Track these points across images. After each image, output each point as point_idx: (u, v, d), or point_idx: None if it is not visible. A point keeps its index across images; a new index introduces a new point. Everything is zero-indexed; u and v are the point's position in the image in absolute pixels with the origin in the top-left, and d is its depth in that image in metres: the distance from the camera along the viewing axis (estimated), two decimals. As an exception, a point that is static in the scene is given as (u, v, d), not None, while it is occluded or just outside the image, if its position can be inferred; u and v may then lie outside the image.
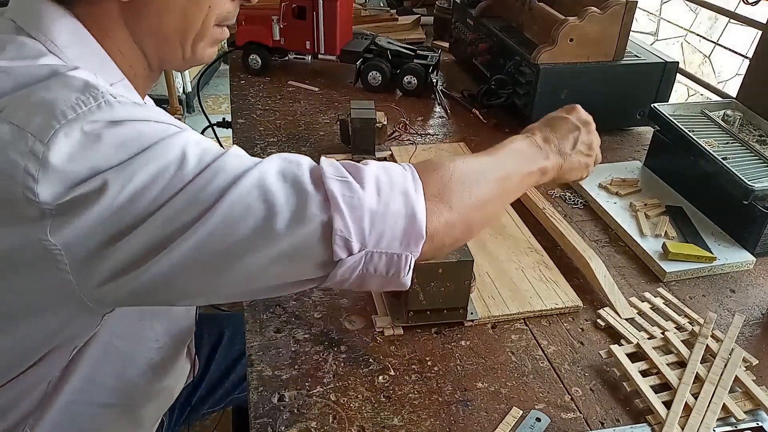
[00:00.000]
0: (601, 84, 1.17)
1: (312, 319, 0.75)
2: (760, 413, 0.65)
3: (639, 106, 1.21)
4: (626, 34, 1.15)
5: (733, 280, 0.87)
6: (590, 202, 1.01)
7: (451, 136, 1.22)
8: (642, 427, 0.63)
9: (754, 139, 1.01)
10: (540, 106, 1.16)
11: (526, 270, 0.84)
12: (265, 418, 0.62)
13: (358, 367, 0.69)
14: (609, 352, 0.70)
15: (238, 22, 1.41)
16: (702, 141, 0.97)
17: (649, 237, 0.91)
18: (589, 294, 0.82)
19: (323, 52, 1.41)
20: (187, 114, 3.31)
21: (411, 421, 0.63)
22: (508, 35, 1.29)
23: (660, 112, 1.05)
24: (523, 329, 0.76)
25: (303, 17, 1.37)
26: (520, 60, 1.19)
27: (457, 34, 1.54)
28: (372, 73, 1.37)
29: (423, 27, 1.78)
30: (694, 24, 3.00)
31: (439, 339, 0.74)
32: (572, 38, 1.13)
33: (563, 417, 0.65)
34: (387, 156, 1.12)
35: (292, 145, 1.14)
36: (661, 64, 1.18)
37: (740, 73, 1.92)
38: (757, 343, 0.75)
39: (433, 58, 1.39)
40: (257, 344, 0.71)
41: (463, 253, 0.70)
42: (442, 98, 1.37)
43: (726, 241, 0.91)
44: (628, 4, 1.12)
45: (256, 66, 1.43)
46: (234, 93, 1.36)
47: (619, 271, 0.87)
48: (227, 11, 0.64)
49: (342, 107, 1.29)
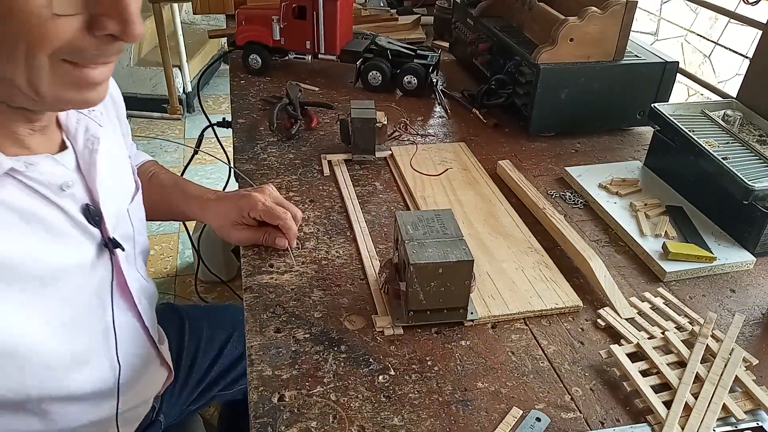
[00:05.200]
0: (601, 84, 1.17)
1: (312, 318, 0.75)
2: (760, 413, 0.65)
3: (639, 106, 1.21)
4: (626, 34, 1.15)
5: (733, 280, 0.87)
6: (590, 202, 1.01)
7: (451, 136, 1.22)
8: (642, 427, 0.63)
9: (754, 139, 1.01)
10: (540, 106, 1.16)
11: (526, 270, 0.84)
12: (265, 418, 0.62)
13: (358, 367, 0.69)
14: (609, 352, 0.70)
15: (238, 22, 1.41)
16: (702, 141, 0.97)
17: (649, 237, 0.91)
18: (589, 294, 0.82)
19: (323, 52, 1.41)
20: (188, 114, 3.31)
21: (411, 420, 0.63)
22: (508, 35, 1.29)
23: (660, 112, 1.05)
24: (523, 329, 0.76)
25: (303, 17, 1.37)
26: (520, 60, 1.19)
27: (457, 34, 1.54)
28: (372, 73, 1.37)
29: (423, 27, 1.78)
30: (694, 24, 3.00)
31: (439, 339, 0.74)
32: (572, 38, 1.13)
33: (563, 417, 0.65)
34: (387, 156, 1.12)
35: (292, 145, 1.14)
36: (661, 64, 1.18)
37: (740, 73, 1.92)
38: (757, 343, 0.75)
39: (433, 58, 1.39)
40: (257, 344, 0.71)
41: (463, 253, 0.71)
42: (442, 98, 1.37)
43: (726, 241, 0.91)
44: (628, 4, 1.12)
45: (256, 66, 1.43)
46: (234, 93, 1.36)
47: (619, 271, 0.87)
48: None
49: (342, 107, 1.29)
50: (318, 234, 0.91)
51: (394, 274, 0.76)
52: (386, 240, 0.90)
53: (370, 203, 0.99)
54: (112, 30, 0.51)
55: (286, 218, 0.83)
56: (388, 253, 0.86)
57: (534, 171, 1.10)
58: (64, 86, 0.53)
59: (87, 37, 0.50)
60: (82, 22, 0.50)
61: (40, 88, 0.52)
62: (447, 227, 0.75)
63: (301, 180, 1.04)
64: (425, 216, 0.77)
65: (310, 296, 0.79)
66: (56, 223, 0.62)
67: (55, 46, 0.49)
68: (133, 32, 0.51)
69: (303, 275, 0.82)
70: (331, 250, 0.88)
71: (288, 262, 0.84)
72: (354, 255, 0.87)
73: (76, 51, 0.51)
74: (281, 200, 0.88)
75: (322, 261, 0.85)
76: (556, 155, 1.16)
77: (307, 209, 0.96)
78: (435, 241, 0.72)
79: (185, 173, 1.36)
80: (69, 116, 0.67)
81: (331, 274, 0.83)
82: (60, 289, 0.63)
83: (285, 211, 0.84)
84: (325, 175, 1.06)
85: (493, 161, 1.10)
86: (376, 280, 0.81)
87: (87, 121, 0.69)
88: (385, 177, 1.07)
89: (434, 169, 1.08)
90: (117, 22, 0.51)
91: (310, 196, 1.00)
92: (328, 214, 0.95)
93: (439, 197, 1.00)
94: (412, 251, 0.70)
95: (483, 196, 1.01)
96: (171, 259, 2.23)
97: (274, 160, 1.09)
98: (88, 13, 0.50)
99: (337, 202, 0.98)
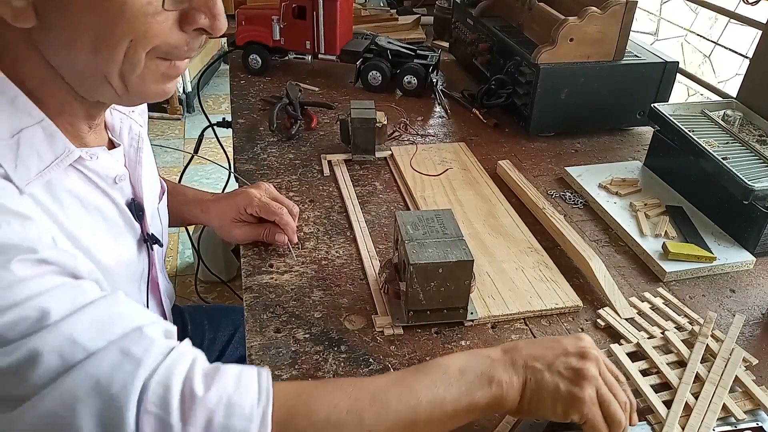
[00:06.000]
0: (601, 84, 1.17)
1: (312, 319, 0.75)
2: (760, 413, 0.65)
3: (639, 106, 1.21)
4: (626, 34, 1.15)
5: (733, 280, 0.87)
6: (590, 202, 1.01)
7: (451, 136, 1.22)
8: (642, 426, 0.63)
9: (754, 139, 1.01)
10: (540, 105, 1.16)
11: (526, 270, 0.84)
12: (265, 418, 0.62)
13: (358, 367, 0.69)
14: (609, 351, 0.70)
15: (238, 22, 1.41)
16: (702, 141, 0.97)
17: (649, 237, 0.91)
18: (589, 294, 0.82)
19: (323, 52, 1.41)
20: (187, 114, 3.31)
21: (411, 420, 0.63)
22: (508, 35, 1.29)
23: (660, 112, 1.05)
24: (523, 329, 0.76)
25: (303, 17, 1.37)
26: (520, 60, 1.19)
27: (457, 34, 1.54)
28: (372, 73, 1.37)
29: (423, 27, 1.78)
30: (694, 24, 3.00)
31: (439, 339, 0.74)
32: (572, 38, 1.13)
33: (563, 417, 0.65)
34: (387, 156, 1.12)
35: (292, 145, 1.14)
36: (661, 64, 1.18)
37: (740, 73, 1.92)
38: (757, 343, 0.75)
39: (433, 58, 1.39)
40: (257, 344, 0.71)
41: (463, 253, 0.71)
42: (442, 98, 1.37)
43: (726, 241, 0.91)
44: (628, 4, 1.12)
45: (256, 66, 1.43)
46: (234, 93, 1.36)
47: (619, 271, 0.87)
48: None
49: (342, 107, 1.29)
50: (318, 234, 0.91)
51: (394, 274, 0.76)
52: (386, 240, 0.90)
53: (370, 203, 0.99)
54: (202, 24, 0.54)
55: (282, 213, 0.84)
56: (388, 253, 0.86)
57: (534, 171, 1.10)
58: (151, 80, 0.56)
59: (178, 33, 0.54)
60: (175, 19, 0.53)
61: (129, 83, 0.55)
62: (447, 227, 0.75)
63: (301, 180, 1.04)
64: (425, 216, 0.77)
65: (310, 296, 0.79)
66: (110, 215, 0.65)
67: (154, 42, 0.53)
68: (219, 26, 0.55)
69: (303, 275, 0.82)
70: (331, 250, 0.88)
71: (288, 262, 0.84)
72: (354, 255, 0.87)
73: (170, 46, 0.54)
74: (277, 196, 0.89)
75: (322, 261, 0.85)
76: (556, 155, 1.16)
77: (307, 209, 0.96)
78: (435, 241, 0.72)
79: (184, 174, 1.36)
80: (114, 116, 0.70)
81: (331, 274, 0.83)
82: (114, 281, 0.63)
83: (280, 206, 0.85)
84: (325, 175, 1.06)
85: (493, 161, 1.10)
86: (376, 280, 0.81)
87: (129, 122, 0.71)
88: (385, 177, 1.07)
89: (434, 169, 1.08)
90: (207, 17, 0.54)
91: (310, 196, 1.00)
92: (328, 214, 0.95)
93: (439, 197, 1.00)
94: (412, 251, 0.70)
95: (483, 196, 1.01)
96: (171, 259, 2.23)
97: (274, 160, 1.09)
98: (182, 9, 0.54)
99: (337, 202, 0.98)
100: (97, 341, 0.46)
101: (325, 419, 0.50)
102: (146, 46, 0.53)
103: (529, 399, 0.55)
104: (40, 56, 0.53)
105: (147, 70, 0.55)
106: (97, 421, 0.44)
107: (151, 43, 0.53)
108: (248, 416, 0.47)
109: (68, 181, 0.58)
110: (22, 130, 0.52)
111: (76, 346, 0.45)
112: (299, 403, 0.50)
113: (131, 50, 0.52)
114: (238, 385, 0.49)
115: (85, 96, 0.57)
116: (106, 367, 0.45)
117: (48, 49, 0.53)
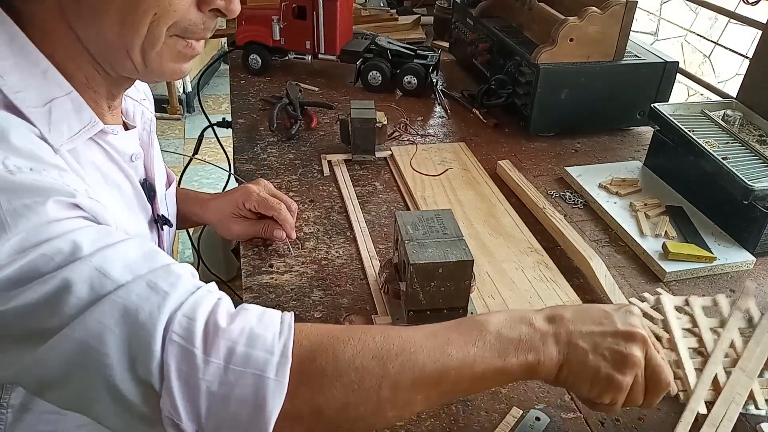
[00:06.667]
0: (601, 84, 1.17)
1: (312, 319, 0.75)
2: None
3: (639, 106, 1.21)
4: (626, 34, 1.15)
5: (733, 280, 0.87)
6: (590, 202, 1.01)
7: (451, 136, 1.22)
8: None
9: (754, 139, 1.01)
10: (540, 105, 1.16)
11: (526, 270, 0.84)
12: (265, 418, 0.62)
13: (358, 367, 0.69)
14: (658, 300, 0.70)
15: (238, 22, 1.41)
16: (702, 141, 0.97)
17: (649, 237, 0.91)
18: (589, 294, 0.82)
19: (323, 52, 1.41)
20: (187, 114, 3.31)
21: (411, 420, 0.63)
22: (508, 35, 1.29)
23: (660, 112, 1.05)
24: (523, 329, 0.76)
25: (303, 17, 1.37)
26: (520, 60, 1.19)
27: (457, 34, 1.54)
28: (372, 73, 1.37)
29: (423, 27, 1.78)
30: (694, 24, 3.00)
31: (439, 339, 0.73)
32: (572, 38, 1.13)
33: (563, 417, 0.65)
34: (387, 156, 1.12)
35: (292, 145, 1.14)
36: (661, 64, 1.18)
37: (740, 73, 1.92)
38: (757, 343, 0.75)
39: (433, 58, 1.39)
40: (257, 344, 0.71)
41: (463, 253, 0.71)
42: (442, 98, 1.37)
43: (726, 241, 0.91)
44: (628, 4, 1.12)
45: (256, 66, 1.43)
46: (234, 93, 1.36)
47: (619, 271, 0.87)
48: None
49: (342, 107, 1.29)
50: (318, 234, 0.91)
51: (394, 274, 0.76)
52: (386, 240, 0.90)
53: (370, 203, 0.99)
54: (218, 5, 0.57)
55: (280, 209, 0.85)
56: (388, 253, 0.86)
57: (534, 171, 1.10)
58: (168, 57, 0.59)
59: (196, 12, 0.57)
60: None
61: (149, 59, 0.57)
62: (447, 227, 0.75)
63: (301, 180, 1.04)
64: (425, 216, 0.77)
65: (310, 296, 0.79)
66: (126, 191, 0.67)
67: (175, 17, 0.56)
68: (234, 8, 0.59)
69: (303, 275, 0.82)
70: (331, 250, 0.88)
71: (288, 262, 0.84)
72: (354, 255, 0.87)
73: (188, 25, 0.57)
74: (275, 192, 0.89)
75: (322, 261, 0.85)
76: (556, 155, 1.16)
77: (307, 209, 0.96)
78: (435, 241, 0.72)
79: (184, 174, 1.36)
80: (127, 101, 0.72)
81: (331, 274, 0.83)
82: None
83: (279, 202, 0.86)
84: (325, 175, 1.06)
85: (493, 161, 1.10)
86: (376, 280, 0.81)
87: (142, 108, 0.74)
88: (385, 177, 1.07)
89: (434, 169, 1.08)
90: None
91: (310, 196, 1.00)
92: (328, 214, 0.95)
93: (439, 197, 1.00)
94: (412, 251, 0.70)
95: (483, 196, 1.01)
96: (171, 259, 2.23)
97: (274, 160, 1.09)
98: None
99: (337, 202, 0.98)
100: (126, 275, 0.47)
101: (348, 361, 0.49)
102: (168, 20, 0.55)
103: (566, 376, 0.54)
104: (69, 29, 0.55)
105: (165, 47, 0.57)
106: (124, 350, 0.45)
107: (172, 18, 0.55)
108: (269, 348, 0.47)
109: (90, 154, 0.60)
110: (53, 100, 0.55)
111: (106, 278, 0.46)
112: (324, 342, 0.50)
113: (154, 24, 0.55)
114: (262, 319, 0.50)
115: (108, 71, 0.60)
116: (134, 298, 0.46)
117: (78, 21, 0.55)
